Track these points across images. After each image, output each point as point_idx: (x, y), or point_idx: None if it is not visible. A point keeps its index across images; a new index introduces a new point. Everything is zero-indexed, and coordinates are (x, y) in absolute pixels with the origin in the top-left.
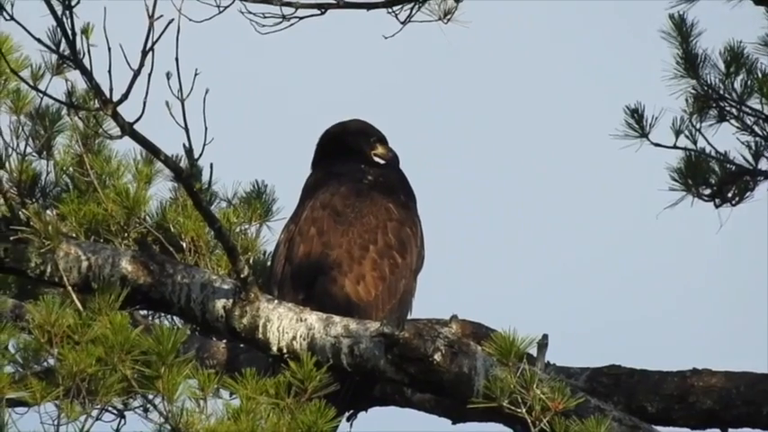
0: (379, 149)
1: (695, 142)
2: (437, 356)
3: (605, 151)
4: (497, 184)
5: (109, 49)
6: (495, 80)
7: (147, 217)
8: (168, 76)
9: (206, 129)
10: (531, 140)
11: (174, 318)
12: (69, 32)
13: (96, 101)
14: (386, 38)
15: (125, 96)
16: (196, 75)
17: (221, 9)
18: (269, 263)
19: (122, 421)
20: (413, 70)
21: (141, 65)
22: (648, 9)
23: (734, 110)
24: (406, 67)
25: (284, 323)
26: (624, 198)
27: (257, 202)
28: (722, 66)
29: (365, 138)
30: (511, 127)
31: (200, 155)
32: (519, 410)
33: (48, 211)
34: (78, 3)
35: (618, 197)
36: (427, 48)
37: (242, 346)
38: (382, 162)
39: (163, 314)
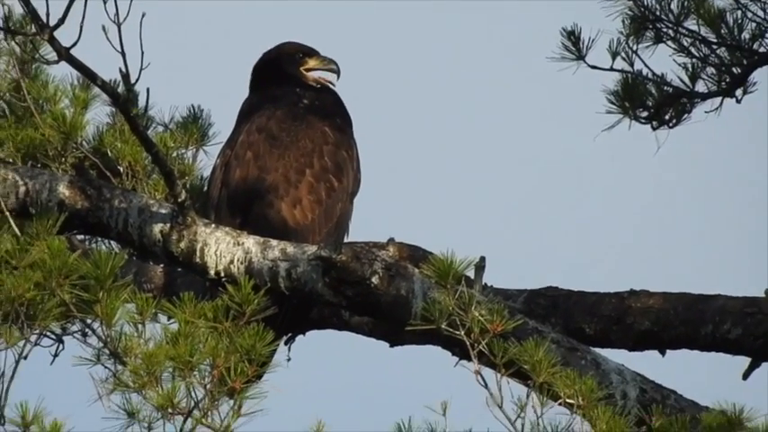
0: (311, 62)
1: (632, 64)
2: (374, 279)
3: (542, 74)
4: (434, 105)
5: None
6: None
7: (84, 142)
8: (105, 0)
9: (142, 53)
10: (467, 61)
11: (112, 242)
12: None
13: (33, 25)
14: None
15: (62, 21)
16: None
17: None
18: (205, 187)
19: (61, 346)
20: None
21: None
22: None
23: (670, 31)
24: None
25: (221, 247)
26: (561, 121)
27: (194, 126)
28: None
29: (290, 57)
30: (446, 47)
31: (137, 80)
32: (457, 333)
33: None
34: None
35: (555, 120)
36: None
37: (179, 270)
38: (317, 85)
39: (100, 239)
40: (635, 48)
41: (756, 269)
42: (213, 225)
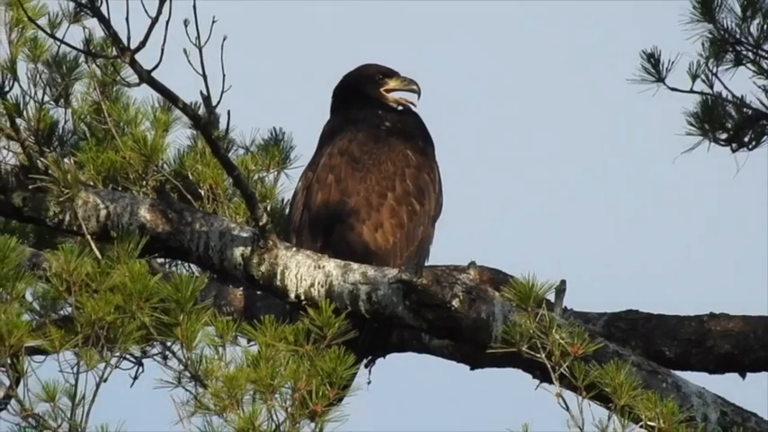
0: (391, 83)
1: (711, 86)
2: (455, 302)
3: (622, 96)
4: (517, 130)
5: None
6: (510, 24)
7: (165, 165)
8: (186, 23)
9: (224, 76)
10: (549, 86)
11: (192, 266)
12: None
13: (114, 48)
14: None
15: (143, 44)
16: (213, 22)
17: None
18: (287, 210)
19: (141, 369)
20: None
21: (159, 12)
22: None
23: (750, 54)
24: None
25: (302, 270)
26: (641, 143)
27: (275, 149)
28: (738, 10)
29: (371, 79)
30: (529, 73)
31: (218, 102)
32: (538, 355)
33: (66, 160)
34: None
35: (635, 142)
36: None
37: (259, 293)
38: (400, 107)
39: (181, 262)
40: (715, 70)
41: None
42: (294, 248)
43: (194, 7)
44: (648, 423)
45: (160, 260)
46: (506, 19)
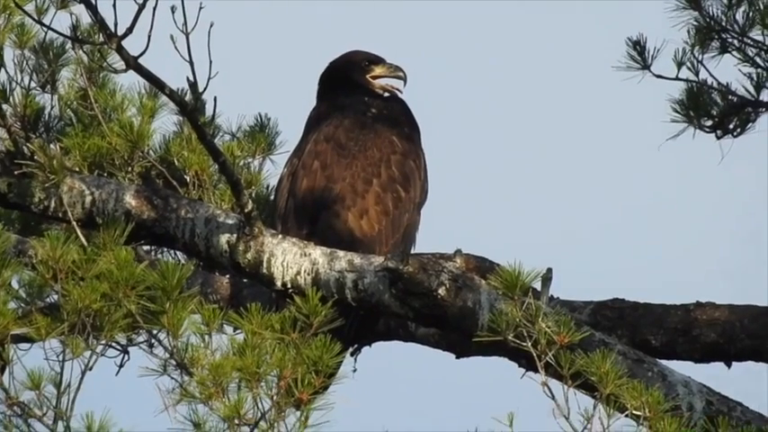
0: (377, 70)
1: (697, 74)
2: (441, 291)
3: (607, 83)
4: (500, 115)
5: None
6: (499, 13)
7: (151, 151)
8: (173, 9)
9: (210, 62)
10: (533, 73)
11: (178, 253)
12: None
13: (101, 35)
14: None
15: (130, 30)
16: (200, 8)
17: None
18: (272, 197)
19: (126, 357)
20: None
21: None
22: None
23: (736, 41)
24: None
25: (288, 258)
26: (626, 130)
27: (261, 135)
28: None
29: (357, 65)
30: (514, 59)
31: (205, 88)
32: (524, 344)
33: (52, 146)
34: None
35: (620, 129)
36: None
37: (245, 281)
38: (386, 94)
39: (166, 249)
40: (700, 57)
41: None
42: (280, 236)
43: None
44: (634, 412)
45: (146, 247)
46: (495, 9)
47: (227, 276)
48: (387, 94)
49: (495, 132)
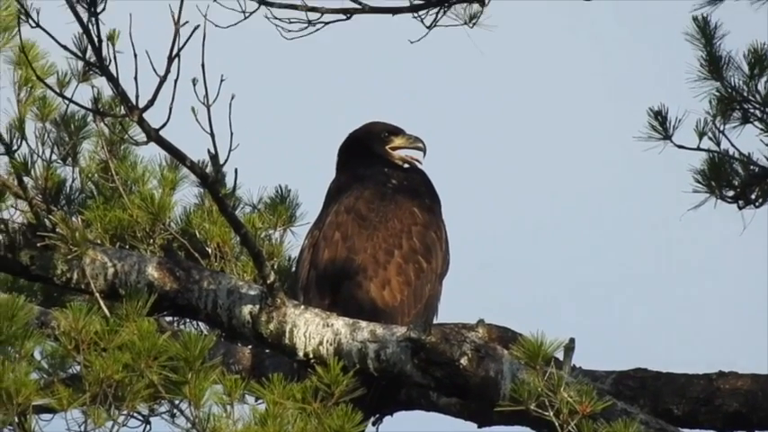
0: (397, 141)
1: (718, 144)
2: (463, 360)
3: (629, 154)
4: (524, 187)
5: (135, 55)
6: (519, 82)
7: (173, 223)
8: (194, 82)
9: (231, 134)
10: (557, 143)
11: (200, 324)
12: (95, 39)
13: (122, 107)
14: (412, 42)
15: (151, 102)
16: (222, 81)
17: (247, 14)
18: (294, 268)
19: (148, 427)
20: (440, 74)
21: (167, 71)
22: (672, 10)
23: (758, 112)
24: (432, 71)
25: (311, 328)
26: (648, 201)
27: (281, 206)
28: (746, 68)
29: (376, 136)
30: (537, 130)
31: (226, 160)
32: (546, 414)
33: (73, 218)
34: (104, 9)
35: (642, 200)
36: (454, 51)
37: (267, 351)
38: (406, 165)
39: (189, 320)
40: (722, 128)
41: None
42: (302, 306)
43: (203, 66)
44: None
45: (168, 318)
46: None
47: (249, 347)
48: (406, 165)
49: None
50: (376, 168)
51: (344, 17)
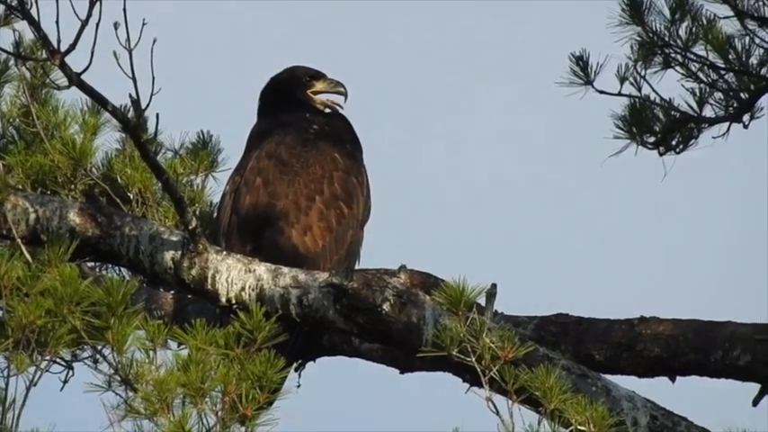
0: (318, 85)
1: (640, 89)
2: (386, 306)
3: (550, 98)
4: (443, 130)
5: None
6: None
7: (94, 168)
8: (116, 25)
9: (153, 79)
10: (477, 85)
11: (123, 269)
12: None
13: (44, 51)
14: None
15: (73, 46)
16: (143, 25)
17: None
18: (215, 214)
19: (71, 372)
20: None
21: (89, 15)
22: None
23: (679, 57)
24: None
25: (233, 274)
26: (569, 146)
27: (203, 152)
28: (667, 12)
29: (298, 81)
30: (457, 74)
31: (147, 105)
32: (468, 359)
33: None
34: None
35: (562, 145)
36: None
37: (190, 297)
38: (327, 109)
39: (111, 266)
40: (643, 73)
41: (766, 295)
42: (224, 252)
43: (124, 10)
44: (579, 427)
45: (91, 264)
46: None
47: (172, 292)
48: (327, 110)
49: (439, 147)
50: (298, 114)
51: None
